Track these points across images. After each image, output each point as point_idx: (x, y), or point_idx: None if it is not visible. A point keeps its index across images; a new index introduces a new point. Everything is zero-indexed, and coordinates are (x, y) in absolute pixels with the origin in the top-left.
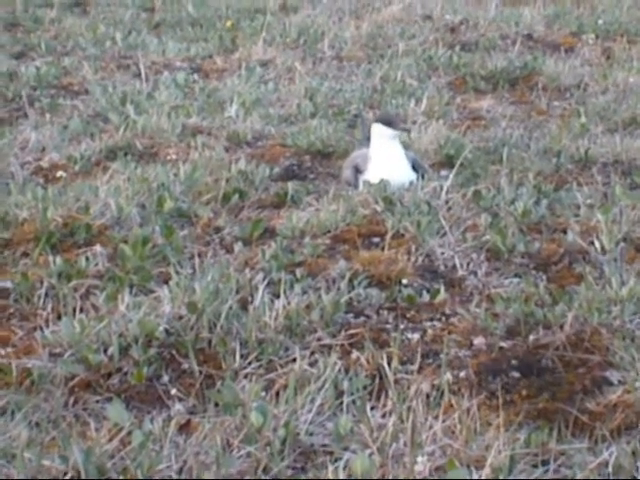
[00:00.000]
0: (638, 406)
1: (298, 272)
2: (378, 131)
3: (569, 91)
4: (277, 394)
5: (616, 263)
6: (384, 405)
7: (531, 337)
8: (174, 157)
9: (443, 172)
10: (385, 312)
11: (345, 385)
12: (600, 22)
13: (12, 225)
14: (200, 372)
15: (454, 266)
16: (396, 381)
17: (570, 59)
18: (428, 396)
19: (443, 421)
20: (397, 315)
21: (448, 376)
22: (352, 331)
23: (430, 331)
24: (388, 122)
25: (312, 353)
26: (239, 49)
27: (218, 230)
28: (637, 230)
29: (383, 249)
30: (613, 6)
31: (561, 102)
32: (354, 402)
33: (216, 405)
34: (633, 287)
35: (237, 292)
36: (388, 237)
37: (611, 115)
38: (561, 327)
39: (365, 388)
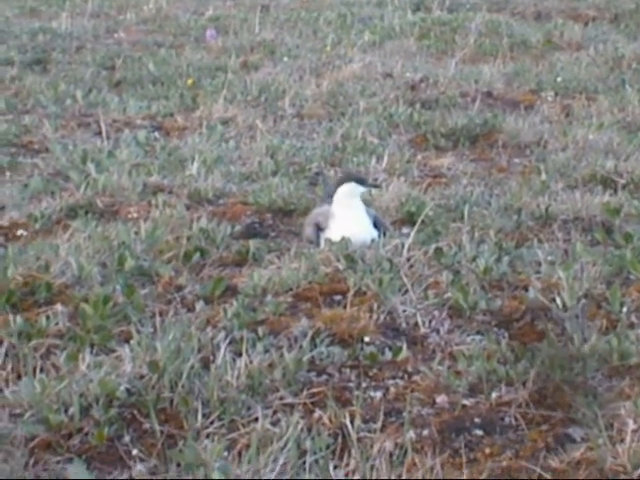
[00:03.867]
0: (601, 463)
1: (260, 330)
2: (350, 189)
3: (529, 148)
4: (239, 454)
5: (577, 320)
6: (347, 464)
7: (494, 394)
8: (135, 215)
9: (404, 230)
10: (347, 370)
11: (308, 444)
12: (559, 79)
13: None
14: (162, 432)
15: (416, 324)
16: (359, 440)
17: (530, 116)
18: (391, 455)
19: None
20: (359, 373)
21: (411, 434)
22: (314, 390)
23: (393, 389)
24: (360, 180)
25: (274, 412)
26: (200, 107)
27: (179, 289)
28: (598, 287)
29: (345, 307)
30: (572, 64)
31: (521, 159)
32: (317, 461)
33: (178, 465)
34: (595, 344)
35: (199, 351)
36: (350, 295)
37: (571, 172)
38: (523, 384)
39: (328, 447)
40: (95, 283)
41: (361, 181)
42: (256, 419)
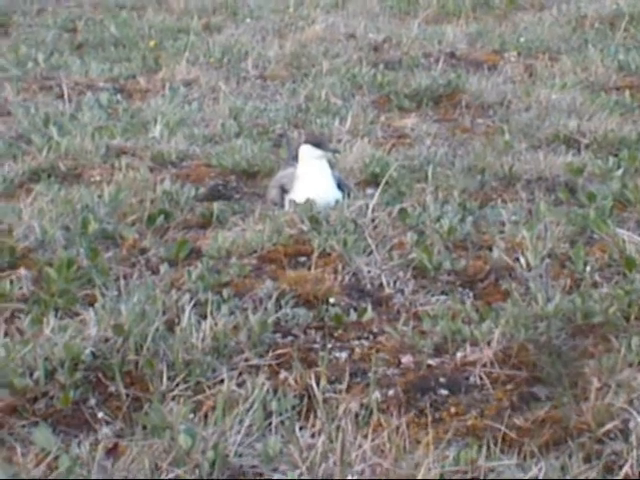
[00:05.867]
0: (566, 422)
1: (225, 292)
2: (307, 152)
3: (492, 108)
4: (205, 416)
5: (542, 279)
6: (313, 425)
7: (458, 354)
8: (98, 178)
9: (369, 191)
10: (313, 331)
11: (274, 405)
12: (522, 40)
13: None
14: (127, 395)
15: (381, 284)
16: (325, 400)
17: (493, 77)
18: (357, 415)
19: (372, 440)
20: (324, 334)
21: (376, 395)
22: (280, 351)
23: (358, 350)
24: (317, 143)
25: (240, 374)
26: (162, 69)
27: (144, 251)
28: (562, 246)
29: (310, 268)
30: (534, 24)
31: (485, 119)
32: (283, 422)
33: (144, 428)
34: (559, 303)
35: (164, 313)
36: (315, 256)
37: (534, 132)
38: (488, 344)
39: (294, 408)
40: (59, 247)
41: (317, 144)
42: (222, 381)
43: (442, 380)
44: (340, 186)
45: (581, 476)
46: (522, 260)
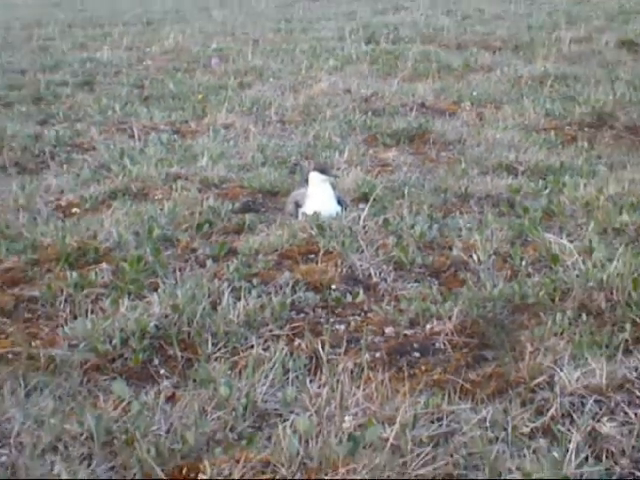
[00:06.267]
0: (507, 376)
1: (254, 281)
2: (314, 177)
3: (452, 144)
4: (239, 372)
5: (489, 271)
6: (319, 379)
7: (427, 326)
8: (160, 197)
9: (360, 205)
10: (319, 310)
11: (290, 364)
12: (474, 93)
13: (39, 249)
14: (182, 357)
15: (370, 275)
16: (328, 361)
17: (452, 121)
18: (352, 372)
19: (363, 390)
20: (328, 312)
21: (366, 356)
22: (295, 324)
23: (353, 323)
24: (322, 170)
25: (265, 341)
26: (207, 116)
27: (194, 251)
28: (504, 246)
29: (317, 263)
30: (484, 82)
31: (446, 153)
32: (297, 377)
33: (194, 381)
34: (502, 288)
35: (209, 296)
36: (320, 254)
37: (483, 162)
38: (449, 318)
39: (305, 367)
40: (131, 247)
41: (323, 170)
42: (252, 346)
43: (415, 345)
44: (339, 202)
45: (518, 417)
46: (474, 256)
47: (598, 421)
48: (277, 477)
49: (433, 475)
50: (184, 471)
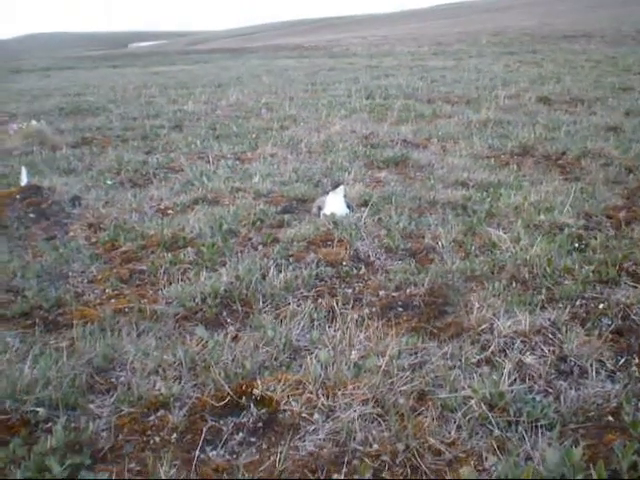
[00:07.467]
0: (462, 324)
1: (291, 259)
2: (333, 189)
3: (424, 167)
4: (281, 321)
5: (449, 253)
6: (335, 326)
7: (407, 290)
8: (227, 203)
9: (362, 209)
10: (334, 279)
11: (315, 315)
12: (440, 132)
13: (146, 237)
14: (242, 310)
15: (369, 256)
16: (340, 314)
17: (425, 152)
18: (357, 321)
19: (364, 333)
20: (340, 280)
21: (366, 311)
22: (318, 289)
23: (357, 288)
24: (336, 185)
25: (298, 300)
26: (259, 148)
27: (250, 239)
28: (460, 236)
29: (333, 247)
30: (446, 124)
31: (420, 173)
32: (320, 324)
33: (250, 327)
34: (459, 265)
35: (260, 270)
36: (335, 241)
37: (446, 179)
38: (422, 285)
39: (325, 317)
40: (207, 237)
41: (337, 185)
42: (289, 304)
43: (399, 303)
44: (348, 206)
45: (469, 352)
46: (439, 243)
47: (523, 355)
48: (306, 392)
49: (411, 390)
50: (244, 387)
